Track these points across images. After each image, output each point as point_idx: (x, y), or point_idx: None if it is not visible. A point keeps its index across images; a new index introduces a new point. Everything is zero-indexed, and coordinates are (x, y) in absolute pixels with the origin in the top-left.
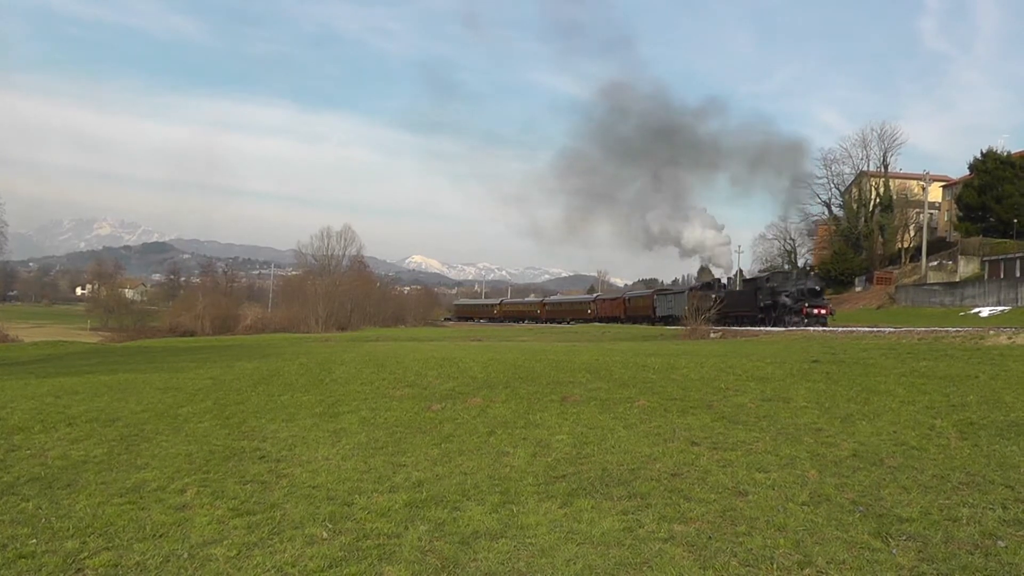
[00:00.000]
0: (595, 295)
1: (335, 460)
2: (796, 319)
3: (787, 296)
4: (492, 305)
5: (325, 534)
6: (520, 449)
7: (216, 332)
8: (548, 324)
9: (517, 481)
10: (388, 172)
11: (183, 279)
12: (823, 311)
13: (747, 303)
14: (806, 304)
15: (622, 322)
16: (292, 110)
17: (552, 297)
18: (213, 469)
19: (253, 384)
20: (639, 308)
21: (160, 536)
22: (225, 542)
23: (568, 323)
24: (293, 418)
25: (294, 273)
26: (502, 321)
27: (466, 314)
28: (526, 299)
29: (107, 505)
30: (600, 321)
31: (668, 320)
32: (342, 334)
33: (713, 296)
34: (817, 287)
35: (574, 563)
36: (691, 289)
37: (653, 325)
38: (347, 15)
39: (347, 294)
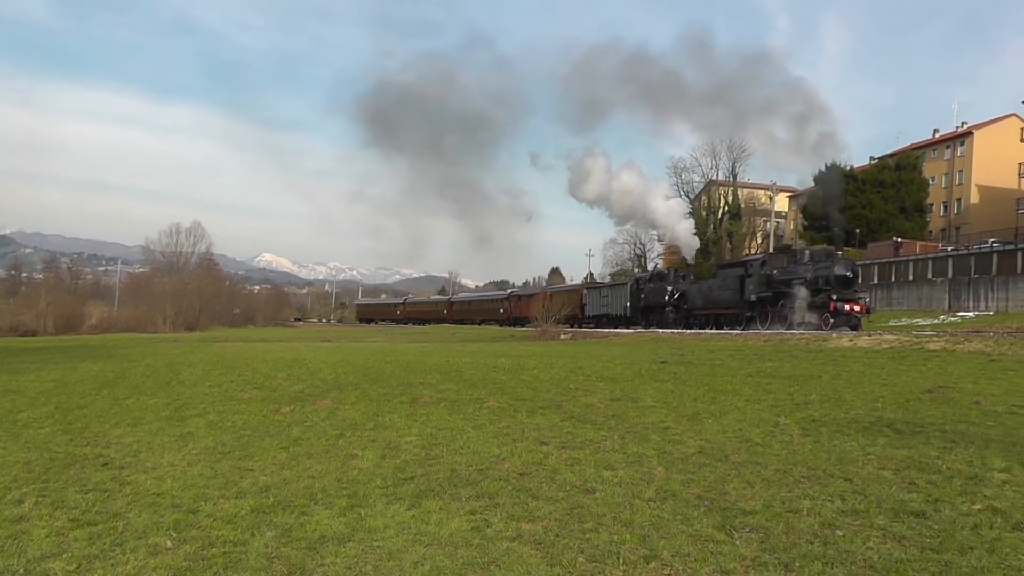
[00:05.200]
0: (508, 291)
1: (181, 466)
2: (815, 319)
3: (802, 285)
4: (395, 306)
5: (169, 543)
6: (369, 451)
7: (60, 331)
8: (456, 325)
9: (365, 484)
10: (239, 167)
11: (25, 275)
12: (857, 308)
13: (727, 297)
14: (833, 297)
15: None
16: (146, 100)
17: (460, 295)
18: (53, 477)
19: (98, 387)
20: (564, 306)
21: None
22: (65, 555)
23: (479, 324)
24: (139, 422)
25: (142, 271)
26: (405, 323)
27: (368, 315)
28: (431, 298)
29: None
30: (512, 323)
31: (602, 320)
32: (190, 334)
33: (669, 289)
34: (848, 272)
35: (422, 565)
36: (636, 281)
37: (581, 327)
38: (204, 4)
39: (196, 293)
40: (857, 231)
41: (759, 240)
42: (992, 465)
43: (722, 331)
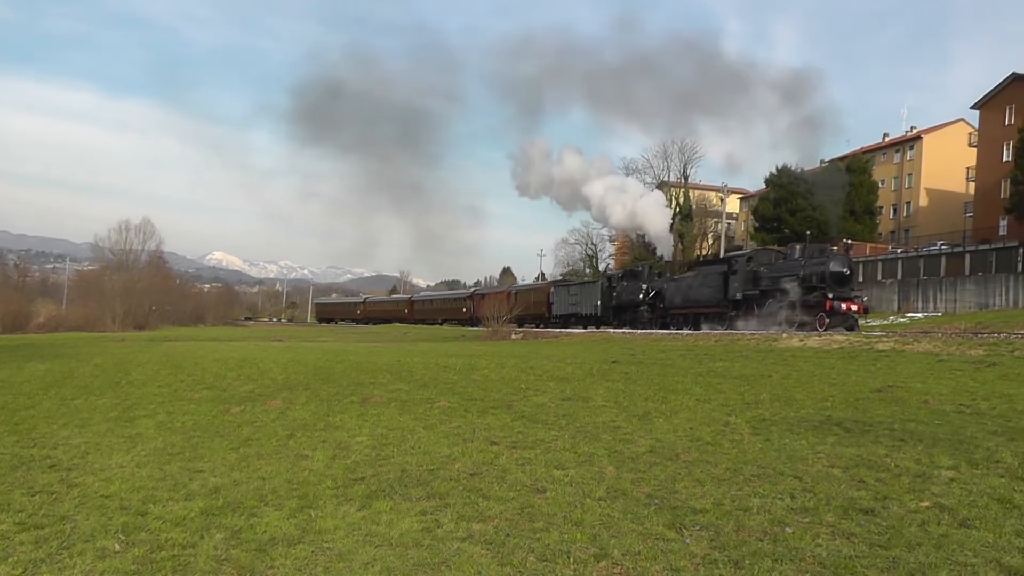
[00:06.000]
0: (472, 290)
1: (130, 467)
2: (809, 319)
3: (792, 281)
4: (355, 305)
5: (118, 547)
6: (319, 452)
7: (6, 331)
8: (417, 325)
9: (316, 485)
10: (190, 163)
11: None
12: (855, 307)
13: (709, 296)
14: (830, 295)
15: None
16: (95, 95)
17: (422, 294)
18: None
19: (45, 387)
20: (530, 305)
21: None
22: (10, 560)
23: (440, 324)
24: (87, 423)
25: (91, 268)
26: (366, 322)
27: (328, 315)
28: (392, 297)
29: None
30: (476, 323)
31: (571, 320)
32: (140, 333)
33: (644, 287)
34: (845, 269)
35: (372, 566)
36: (608, 279)
37: (547, 327)
38: None
39: (146, 292)
40: (807, 233)
41: (710, 241)
42: (940, 463)
43: (684, 331)
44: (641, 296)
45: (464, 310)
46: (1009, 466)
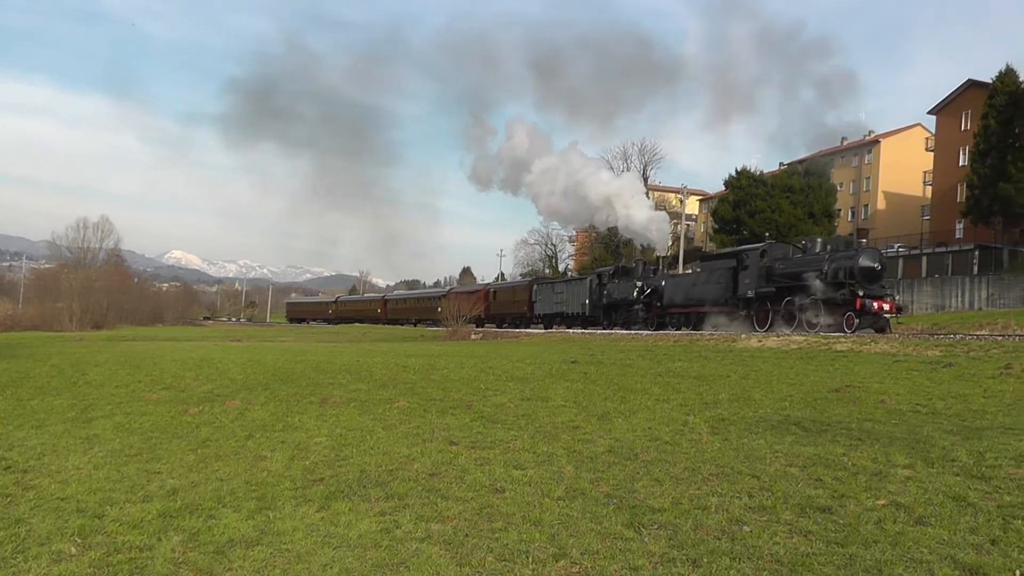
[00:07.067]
0: (448, 288)
1: (87, 469)
2: (834, 319)
3: (815, 277)
4: (327, 304)
5: (74, 550)
6: (278, 452)
7: None
8: (389, 325)
9: (274, 486)
10: (150, 160)
11: None
12: (887, 307)
13: (715, 294)
14: (860, 293)
15: (480, 322)
16: (52, 89)
17: (396, 293)
18: None
19: (0, 387)
20: (510, 305)
21: None
22: None
23: (414, 324)
24: (43, 424)
25: (48, 266)
26: (338, 322)
27: (299, 315)
28: (364, 296)
29: None
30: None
31: (555, 320)
32: (98, 333)
33: (639, 284)
34: (877, 264)
35: (331, 567)
36: (598, 276)
37: (528, 328)
38: None
39: (103, 290)
40: (767, 235)
41: (670, 242)
42: (896, 462)
43: (677, 331)
44: (635, 294)
45: (440, 309)
46: (964, 465)
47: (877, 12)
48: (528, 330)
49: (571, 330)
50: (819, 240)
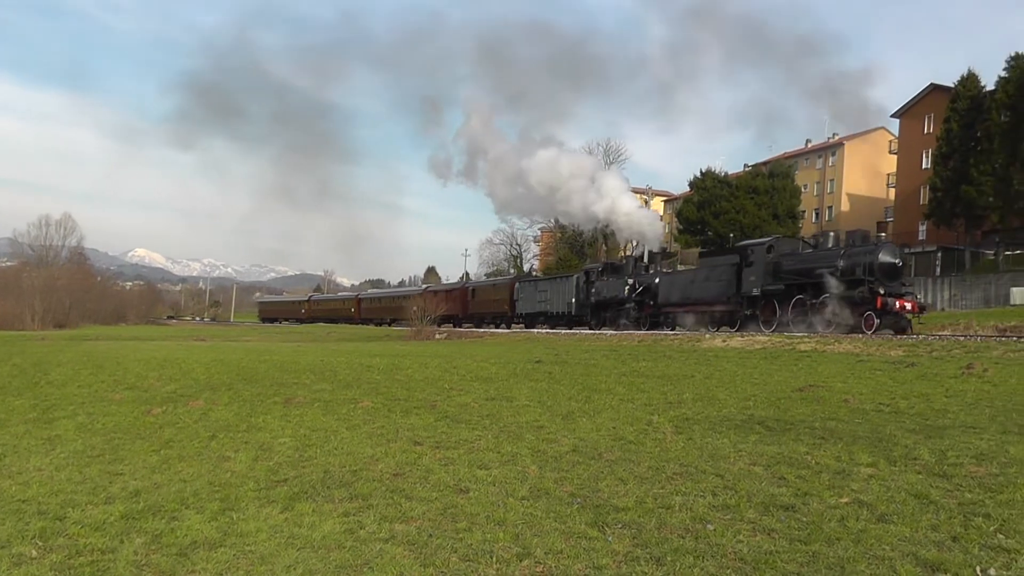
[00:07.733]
0: (424, 287)
1: (48, 470)
2: (852, 319)
3: (829, 274)
4: (300, 304)
5: (35, 552)
6: (242, 453)
7: None
8: (359, 325)
9: (238, 487)
10: (112, 157)
11: None
12: (909, 306)
13: (716, 291)
14: (881, 291)
15: (459, 322)
16: (12, 84)
17: (370, 292)
18: None
19: None
20: (490, 304)
21: None
22: None
23: (388, 324)
24: (3, 425)
25: (9, 264)
26: (312, 322)
27: (271, 315)
28: (338, 295)
29: None
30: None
31: (538, 319)
32: (60, 332)
33: (630, 282)
34: (897, 260)
35: (294, 568)
36: (586, 273)
37: (510, 328)
38: None
39: (66, 289)
40: (731, 235)
41: (634, 242)
42: (859, 460)
43: (646, 332)
44: (626, 292)
45: (415, 309)
46: (926, 463)
47: (843, 14)
48: (492, 330)
49: (535, 330)
50: (831, 234)
